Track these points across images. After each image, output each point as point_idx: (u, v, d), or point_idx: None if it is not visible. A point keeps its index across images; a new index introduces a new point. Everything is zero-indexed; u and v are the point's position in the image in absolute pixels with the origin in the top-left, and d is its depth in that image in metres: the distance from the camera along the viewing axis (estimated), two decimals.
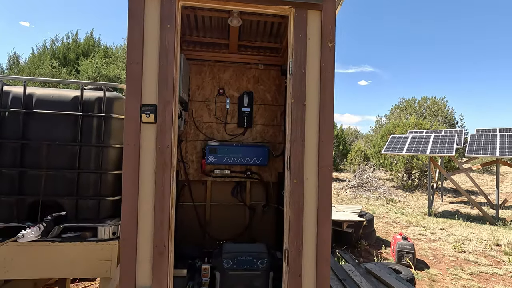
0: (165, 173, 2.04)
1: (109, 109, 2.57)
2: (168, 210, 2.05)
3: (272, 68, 3.64)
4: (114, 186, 2.59)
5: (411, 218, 8.13)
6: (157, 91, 2.05)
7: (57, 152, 2.45)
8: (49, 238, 2.36)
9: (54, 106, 2.48)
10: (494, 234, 6.66)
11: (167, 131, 2.04)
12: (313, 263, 2.19)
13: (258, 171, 3.59)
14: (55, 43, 10.07)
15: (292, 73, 2.17)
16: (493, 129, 10.42)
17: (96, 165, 2.50)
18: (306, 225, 2.17)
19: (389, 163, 15.08)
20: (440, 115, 25.34)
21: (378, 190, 12.78)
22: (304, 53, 2.17)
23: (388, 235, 6.48)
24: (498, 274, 4.60)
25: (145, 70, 2.05)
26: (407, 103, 27.68)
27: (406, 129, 15.33)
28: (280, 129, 3.66)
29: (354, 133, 38.29)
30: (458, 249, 5.66)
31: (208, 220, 3.54)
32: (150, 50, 2.06)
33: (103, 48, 10.50)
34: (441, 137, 8.87)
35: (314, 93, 2.19)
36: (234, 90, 3.59)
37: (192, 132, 3.51)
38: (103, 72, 8.51)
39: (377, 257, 5.04)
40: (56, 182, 2.45)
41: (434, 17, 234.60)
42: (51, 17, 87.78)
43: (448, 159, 13.37)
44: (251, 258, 2.40)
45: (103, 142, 2.52)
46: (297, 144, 2.16)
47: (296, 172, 2.16)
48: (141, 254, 2.01)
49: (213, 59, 3.55)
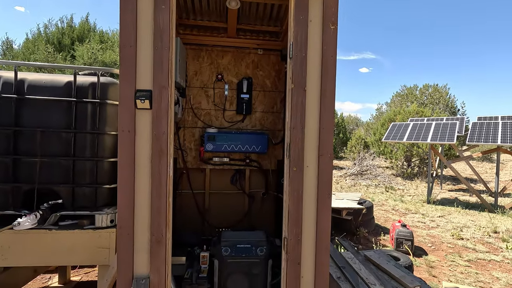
0: (162, 160, 1.99)
1: (104, 95, 2.50)
2: (165, 197, 2.01)
3: (272, 53, 3.53)
4: (111, 174, 2.55)
5: (410, 206, 8.17)
6: (152, 75, 1.97)
7: (51, 139, 2.40)
8: (46, 226, 2.35)
9: (47, 92, 2.41)
10: (492, 222, 6.70)
11: (163, 117, 1.98)
12: (313, 251, 2.17)
13: (257, 159, 3.55)
14: (49, 28, 9.81)
15: (293, 57, 2.08)
16: (495, 117, 10.32)
17: (92, 152, 2.45)
18: (306, 213, 2.14)
19: (389, 151, 15.06)
20: (441, 103, 25.16)
21: (378, 178, 12.81)
22: (305, 36, 2.08)
23: (387, 223, 6.52)
24: (496, 260, 4.64)
25: (139, 54, 1.97)
26: (409, 91, 27.44)
27: (407, 116, 15.22)
28: (279, 116, 3.59)
29: (355, 121, 38.16)
30: (456, 236, 5.70)
31: (207, 207, 3.53)
32: (144, 33, 1.97)
33: (99, 33, 10.24)
34: (442, 125, 8.80)
35: (315, 78, 2.11)
36: (232, 76, 3.50)
37: (190, 119, 3.44)
38: (100, 57, 8.31)
39: (376, 244, 5.08)
40: (51, 170, 2.41)
41: (436, 2, 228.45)
42: (46, 1, 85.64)
43: (448, 147, 13.34)
44: (250, 246, 2.39)
45: (98, 129, 2.46)
46: (297, 131, 2.10)
47: (295, 159, 2.11)
48: (139, 243, 1.99)
49: (211, 44, 3.44)
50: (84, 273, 3.73)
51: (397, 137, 9.32)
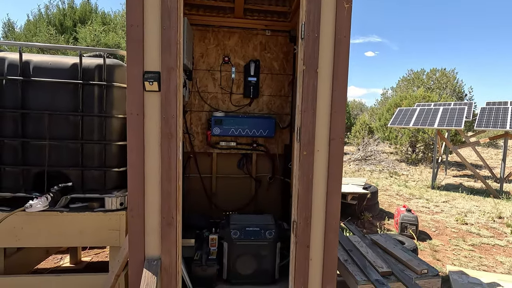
0: (171, 143, 1.97)
1: (110, 77, 2.46)
2: (176, 181, 2.01)
3: (280, 34, 3.43)
4: (119, 157, 2.54)
5: (414, 191, 8.18)
6: (160, 57, 1.92)
7: (59, 122, 2.39)
8: (57, 208, 2.37)
9: (53, 74, 2.37)
10: (497, 207, 6.71)
11: (171, 100, 1.94)
12: (321, 234, 2.18)
13: (264, 143, 3.52)
14: (50, 9, 9.59)
15: (305, 38, 2.01)
16: (504, 102, 10.12)
17: (100, 135, 2.44)
18: (315, 197, 2.14)
19: (394, 136, 14.95)
20: (449, 88, 24.69)
21: (382, 163, 12.78)
22: (318, 16, 1.99)
23: (391, 207, 6.55)
24: (500, 245, 4.67)
25: (146, 34, 1.91)
26: (415, 75, 26.89)
27: (413, 102, 14.99)
28: (287, 99, 3.53)
29: (359, 106, 37.72)
30: (460, 221, 5.72)
31: (214, 191, 3.54)
32: (151, 12, 1.90)
33: (101, 15, 9.99)
34: (450, 110, 8.66)
35: (328, 60, 2.05)
36: (239, 58, 3.41)
37: (197, 103, 3.40)
38: (102, 40, 8.15)
39: (380, 229, 5.12)
40: (60, 153, 2.41)
41: None
42: None
43: (454, 132, 13.20)
44: (258, 229, 2.41)
45: (105, 112, 2.44)
46: (308, 114, 2.06)
47: (306, 143, 2.08)
48: (149, 225, 2.01)
49: (218, 24, 3.34)
50: (94, 254, 3.81)
51: (403, 123, 9.21)
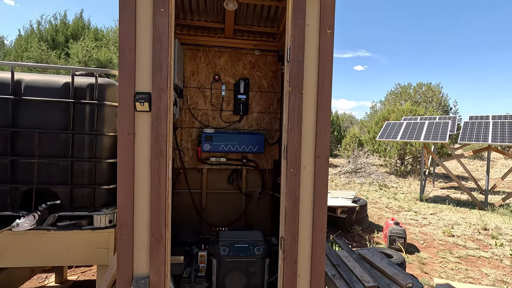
0: (161, 162, 2.02)
1: (102, 96, 2.51)
2: (165, 198, 2.04)
3: (269, 53, 3.56)
4: (109, 174, 2.56)
5: (403, 203, 8.31)
6: (151, 78, 1.99)
7: (50, 140, 2.41)
8: (45, 227, 2.36)
9: (44, 93, 2.41)
10: (482, 219, 6.87)
11: (162, 120, 2.00)
12: (309, 249, 2.23)
13: (254, 159, 3.59)
14: (42, 24, 9.63)
15: (290, 61, 2.12)
16: (486, 116, 10.52)
17: (90, 153, 2.47)
18: (302, 213, 2.19)
19: (383, 149, 15.24)
20: (434, 101, 25.46)
21: (372, 176, 12.97)
22: (303, 40, 2.12)
23: (380, 220, 6.64)
24: (485, 257, 4.77)
25: (138, 57, 1.98)
26: (403, 89, 27.68)
27: (401, 115, 15.40)
28: (276, 116, 3.63)
29: (349, 118, 38.38)
30: (447, 233, 5.83)
31: (204, 207, 3.56)
32: (143, 36, 1.99)
33: (93, 31, 10.07)
34: (435, 124, 8.94)
35: (312, 82, 2.16)
36: (229, 76, 3.52)
37: (187, 120, 3.46)
38: (94, 55, 8.20)
39: (369, 242, 5.18)
40: (49, 171, 2.42)
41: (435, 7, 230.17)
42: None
43: (441, 145, 13.55)
44: (247, 245, 2.44)
45: (96, 130, 2.47)
46: (294, 133, 2.15)
47: (293, 161, 2.15)
48: (138, 243, 2.02)
49: (208, 44, 3.45)
50: (80, 272, 3.74)
51: (391, 136, 9.44)
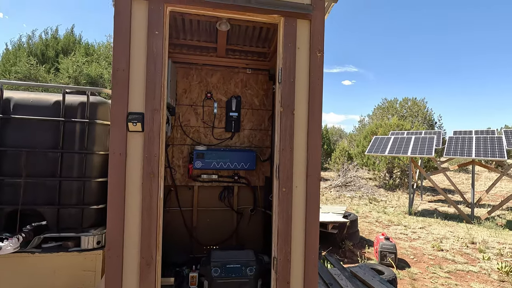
0: (153, 182, 2.00)
1: (93, 115, 2.50)
2: (156, 219, 2.02)
3: (260, 72, 3.64)
4: (98, 194, 2.52)
5: (393, 217, 8.39)
6: (145, 99, 2.00)
7: (38, 159, 2.36)
8: (29, 249, 2.28)
9: (34, 111, 2.38)
10: (469, 232, 6.99)
11: (154, 140, 2.00)
12: (301, 269, 2.22)
13: (245, 176, 3.59)
14: (32, 38, 9.56)
15: (281, 82, 2.18)
16: (469, 131, 10.89)
17: (79, 172, 2.43)
18: (295, 233, 2.19)
19: (372, 163, 15.48)
20: (420, 116, 26.22)
21: (361, 189, 13.09)
22: (293, 63, 2.19)
23: (371, 235, 6.66)
24: (473, 271, 4.83)
25: (132, 77, 2.00)
26: (389, 104, 28.45)
27: (388, 129, 15.76)
28: (267, 133, 3.67)
29: (338, 132, 38.95)
30: (436, 248, 5.90)
31: (195, 225, 3.51)
32: (137, 57, 2.01)
33: (84, 45, 10.05)
34: (421, 139, 9.19)
35: (303, 102, 2.21)
36: (222, 94, 3.56)
37: (179, 137, 3.46)
38: (85, 70, 8.14)
39: (360, 257, 5.17)
40: (36, 191, 2.36)
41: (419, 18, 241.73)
42: (27, 7, 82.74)
43: (427, 159, 13.88)
44: (239, 266, 2.40)
45: (86, 148, 2.45)
46: (286, 152, 2.18)
47: (285, 180, 2.17)
48: (128, 266, 1.97)
49: (201, 63, 3.50)
50: None
51: (379, 150, 9.63)
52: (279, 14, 2.17)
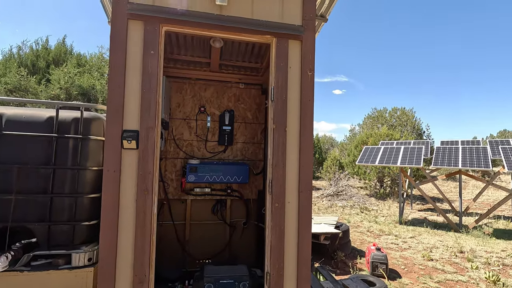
0: (147, 199, 2.01)
1: (87, 130, 2.50)
2: (149, 236, 2.02)
3: (253, 87, 3.71)
4: (91, 210, 2.49)
5: (384, 227, 8.48)
6: (139, 116, 2.04)
7: (29, 175, 2.34)
8: (18, 268, 2.23)
9: (27, 127, 2.37)
10: (458, 241, 7.12)
11: (149, 157, 2.03)
12: (294, 284, 2.24)
13: (238, 189, 3.61)
14: (23, 49, 9.47)
15: (274, 100, 2.24)
16: (455, 141, 11.20)
17: (72, 188, 2.41)
18: (287, 247, 2.23)
19: (363, 172, 15.67)
20: (409, 125, 26.81)
21: (353, 199, 13.20)
22: (285, 81, 2.26)
23: (363, 245, 6.71)
24: (462, 281, 4.91)
25: (127, 95, 2.03)
26: (379, 113, 29.02)
27: (378, 139, 16.04)
28: (260, 147, 3.72)
29: (330, 141, 39.38)
30: (426, 257, 5.98)
31: (187, 239, 3.49)
32: (132, 75, 2.05)
33: (76, 56, 10.00)
34: (410, 149, 9.40)
35: (295, 120, 2.28)
36: (215, 108, 3.61)
37: (172, 150, 3.47)
38: (77, 82, 8.08)
39: (352, 268, 5.20)
40: (27, 207, 2.33)
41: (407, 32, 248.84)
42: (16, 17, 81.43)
43: (416, 168, 14.14)
44: (232, 281, 2.41)
45: (79, 164, 2.43)
46: (279, 168, 2.23)
47: (277, 196, 2.21)
48: (120, 283, 1.96)
49: (194, 77, 3.56)
50: None
51: (369, 160, 9.78)
52: (271, 35, 2.25)
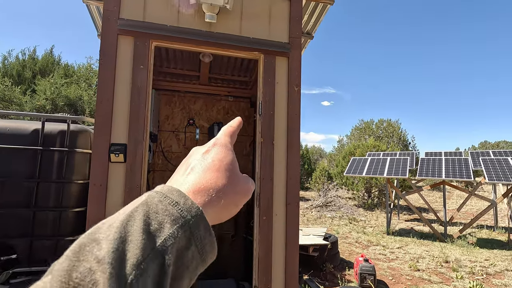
0: None
1: (73, 143, 2.48)
2: None
3: (242, 100, 3.77)
4: (75, 224, 2.45)
5: (372, 238, 8.55)
6: (128, 130, 2.04)
7: (12, 189, 2.29)
8: None
9: (12, 140, 2.33)
10: (443, 251, 7.25)
11: (137, 171, 2.02)
12: None
13: None
14: (8, 59, 9.27)
15: (262, 114, 2.29)
16: (439, 152, 11.54)
17: (56, 202, 2.36)
18: (275, 260, 2.24)
19: (351, 183, 15.85)
20: (395, 136, 27.46)
21: (341, 209, 13.29)
22: (273, 96, 2.32)
23: (351, 256, 6.74)
24: None
25: (116, 109, 2.04)
26: (366, 125, 29.64)
27: (365, 150, 16.34)
28: (249, 159, 3.75)
29: (319, 151, 39.76)
30: (413, 268, 6.05)
31: None
32: (121, 89, 2.07)
33: (63, 66, 9.85)
34: (396, 160, 9.62)
35: (282, 133, 2.33)
36: (204, 120, 3.64)
37: (161, 163, 3.46)
38: (63, 92, 7.94)
39: (341, 280, 5.21)
40: (7, 222, 2.26)
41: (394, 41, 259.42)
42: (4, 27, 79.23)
43: (403, 179, 14.43)
44: None
45: (64, 177, 2.40)
46: (266, 181, 2.26)
47: (265, 208, 2.24)
48: None
49: (184, 90, 3.59)
50: None
51: (357, 171, 9.94)
52: (259, 51, 2.32)
